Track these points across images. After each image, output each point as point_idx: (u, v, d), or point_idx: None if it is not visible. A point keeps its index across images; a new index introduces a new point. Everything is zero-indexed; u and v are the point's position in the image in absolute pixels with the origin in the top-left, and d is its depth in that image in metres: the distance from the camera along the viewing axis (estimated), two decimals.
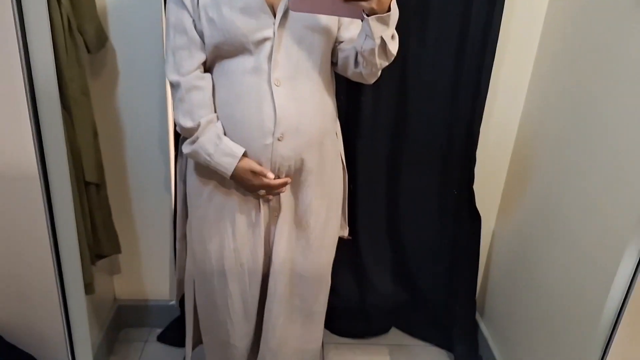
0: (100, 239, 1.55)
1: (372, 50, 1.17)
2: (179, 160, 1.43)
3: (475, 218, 1.81)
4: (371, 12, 1.10)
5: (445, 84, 1.67)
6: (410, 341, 2.01)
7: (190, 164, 1.37)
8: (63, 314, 0.78)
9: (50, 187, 0.74)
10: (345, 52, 1.28)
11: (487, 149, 1.77)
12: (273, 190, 1.28)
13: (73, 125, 1.39)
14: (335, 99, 1.38)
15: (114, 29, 1.58)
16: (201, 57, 1.24)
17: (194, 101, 1.23)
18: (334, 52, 1.32)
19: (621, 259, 1.15)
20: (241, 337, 1.45)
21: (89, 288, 1.48)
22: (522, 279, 1.68)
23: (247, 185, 1.26)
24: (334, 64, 1.35)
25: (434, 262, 1.92)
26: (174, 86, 1.25)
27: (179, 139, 1.62)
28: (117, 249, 1.65)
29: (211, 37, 1.21)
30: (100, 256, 1.59)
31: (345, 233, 1.57)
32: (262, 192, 1.28)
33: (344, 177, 1.47)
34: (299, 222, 1.36)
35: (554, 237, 1.50)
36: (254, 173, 1.24)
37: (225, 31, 1.18)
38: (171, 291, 1.93)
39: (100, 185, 1.54)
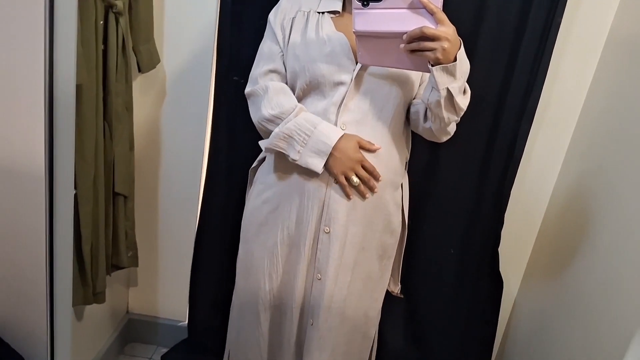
0: (120, 250, 1.59)
1: (438, 103, 1.16)
2: (247, 187, 1.46)
3: (497, 282, 1.75)
4: (436, 63, 1.09)
5: (480, 142, 1.65)
6: None
7: (252, 190, 1.38)
8: (48, 318, 0.79)
9: (54, 190, 0.77)
10: (417, 106, 1.29)
11: (517, 213, 1.73)
12: (367, 176, 1.24)
13: (112, 137, 1.46)
14: (406, 153, 1.38)
15: (168, 52, 1.66)
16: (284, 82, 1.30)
17: (282, 99, 1.25)
18: (407, 109, 1.33)
19: (627, 349, 1.08)
20: None
21: (100, 297, 1.51)
22: (538, 355, 1.60)
23: (345, 160, 1.21)
24: (407, 120, 1.35)
25: (449, 324, 1.84)
26: (256, 93, 1.28)
27: (212, 162, 1.68)
28: (134, 263, 1.68)
29: (292, 72, 1.26)
30: (118, 267, 1.62)
31: (396, 290, 1.54)
32: (356, 179, 1.23)
33: (403, 233, 1.44)
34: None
35: (573, 317, 1.43)
36: (358, 146, 1.22)
37: (306, 68, 1.23)
38: (183, 311, 1.93)
39: (128, 197, 1.58)
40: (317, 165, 1.20)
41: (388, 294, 1.56)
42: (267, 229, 1.33)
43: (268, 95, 1.25)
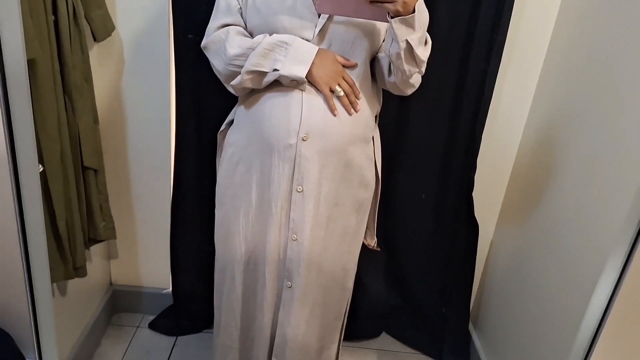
0: (96, 223, 1.58)
1: (398, 55, 1.15)
2: (218, 152, 1.45)
3: (473, 226, 1.79)
4: (396, 14, 1.08)
5: (449, 88, 1.65)
6: (400, 348, 1.99)
7: (224, 154, 1.37)
8: (29, 295, 0.80)
9: (18, 168, 0.76)
10: (380, 60, 1.28)
11: (489, 157, 1.75)
12: (349, 88, 1.23)
13: (74, 110, 1.42)
14: (376, 107, 1.36)
15: (122, 18, 1.60)
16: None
17: (245, 38, 1.23)
18: (372, 63, 1.32)
19: (601, 273, 1.13)
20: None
21: (81, 271, 1.51)
22: (517, 292, 1.66)
23: (328, 70, 1.20)
24: (373, 74, 1.34)
25: (428, 269, 1.90)
26: (217, 39, 1.24)
27: (180, 128, 1.66)
28: (112, 235, 1.67)
29: (252, 27, 1.23)
30: (95, 241, 1.62)
31: (372, 243, 1.57)
32: (339, 90, 1.22)
33: (377, 186, 1.44)
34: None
35: (549, 251, 1.47)
36: (336, 59, 1.22)
37: (268, 21, 1.20)
38: (166, 279, 1.95)
39: (99, 171, 1.56)
40: (301, 71, 1.18)
41: (367, 247, 1.59)
42: (242, 191, 1.32)
43: (230, 35, 1.23)
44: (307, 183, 1.25)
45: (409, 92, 1.33)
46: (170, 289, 1.94)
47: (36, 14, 1.22)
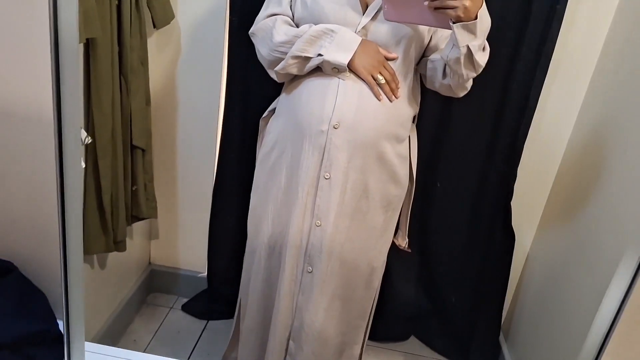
0: (139, 201, 1.65)
1: (458, 60, 1.18)
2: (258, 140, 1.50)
3: (509, 236, 1.76)
4: (458, 20, 1.11)
5: (494, 95, 1.64)
6: (428, 353, 1.97)
7: (264, 141, 1.42)
8: (62, 260, 0.85)
9: (62, 139, 0.81)
10: (434, 62, 1.30)
11: (530, 167, 1.72)
12: (390, 76, 1.26)
13: (128, 91, 1.50)
14: (414, 107, 1.38)
15: (182, 8, 1.67)
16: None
17: (291, 27, 1.29)
18: (422, 64, 1.34)
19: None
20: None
21: (121, 245, 1.58)
22: (551, 307, 1.62)
23: (370, 58, 1.24)
24: (422, 76, 1.37)
25: (461, 276, 1.88)
26: (264, 27, 1.30)
27: (228, 116, 1.71)
28: (153, 214, 1.74)
29: (299, 19, 1.29)
30: (137, 218, 1.69)
31: (404, 244, 1.57)
32: (381, 77, 1.25)
33: (410, 186, 1.45)
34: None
35: (588, 267, 1.43)
36: (379, 49, 1.25)
37: (314, 15, 1.25)
38: (202, 263, 2.01)
39: (146, 151, 1.63)
40: (344, 58, 1.22)
41: (397, 247, 1.59)
42: (273, 175, 1.36)
43: (277, 23, 1.28)
44: (335, 171, 1.27)
45: (462, 94, 1.34)
46: (206, 273, 1.99)
47: None
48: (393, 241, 1.52)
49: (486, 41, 1.21)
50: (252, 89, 1.66)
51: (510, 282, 1.85)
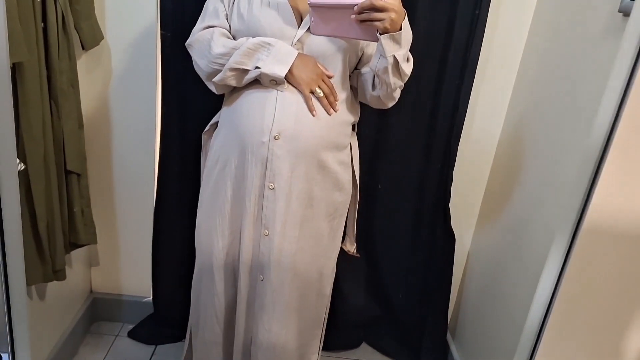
0: (77, 227, 1.59)
1: (386, 69, 1.24)
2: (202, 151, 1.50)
3: (449, 237, 1.83)
4: (384, 32, 1.16)
5: (425, 102, 1.71)
6: (379, 358, 2.00)
7: (208, 156, 1.41)
8: (4, 295, 0.81)
9: None
10: (365, 75, 1.35)
11: (466, 169, 1.80)
12: (328, 90, 1.29)
13: (59, 115, 1.45)
14: (355, 115, 1.42)
15: (111, 28, 1.65)
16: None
17: (229, 39, 1.30)
18: (353, 77, 1.39)
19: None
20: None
21: (60, 274, 1.52)
22: (491, 301, 1.69)
23: (309, 72, 1.27)
24: (353, 88, 1.41)
25: (407, 280, 1.93)
26: (202, 38, 1.31)
27: (165, 134, 1.69)
28: (93, 239, 1.69)
29: (235, 31, 1.31)
30: (76, 245, 1.63)
31: (352, 249, 1.61)
32: (320, 91, 1.28)
33: (355, 192, 1.49)
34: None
35: (522, 259, 1.51)
36: (317, 63, 1.28)
37: (251, 27, 1.27)
38: (147, 287, 1.96)
39: (82, 175, 1.58)
40: (281, 71, 1.24)
41: (346, 253, 1.62)
42: (219, 188, 1.37)
43: (215, 35, 1.29)
44: (279, 181, 1.30)
45: (390, 104, 1.40)
46: (151, 297, 1.94)
47: (25, 20, 1.26)
48: (342, 247, 1.55)
49: (409, 53, 1.28)
50: (190, 103, 1.65)
51: (454, 282, 1.92)
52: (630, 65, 1.09)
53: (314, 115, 1.28)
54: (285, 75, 1.25)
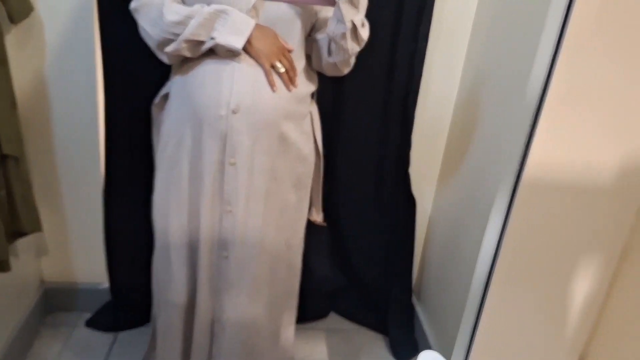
0: (19, 215, 1.49)
1: (344, 35, 1.20)
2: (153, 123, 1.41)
3: (410, 203, 1.83)
4: None
5: (381, 68, 1.67)
6: (348, 325, 2.00)
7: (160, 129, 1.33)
8: None
9: None
10: (319, 41, 1.30)
11: (424, 133, 1.79)
12: (289, 65, 1.24)
13: None
14: (313, 83, 1.37)
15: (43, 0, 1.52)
16: None
17: (181, 6, 1.20)
18: (307, 44, 1.33)
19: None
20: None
21: (4, 265, 1.43)
22: (454, 263, 1.70)
23: (269, 44, 1.20)
24: (308, 57, 1.35)
25: (371, 247, 1.92)
26: (148, 4, 1.20)
27: (110, 109, 1.59)
28: (37, 227, 1.58)
29: None
30: (20, 234, 1.53)
31: (319, 219, 1.57)
32: (280, 66, 1.22)
33: (318, 161, 1.45)
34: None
35: (478, 217, 1.51)
36: (276, 35, 1.21)
37: None
38: (102, 273, 1.87)
39: (20, 159, 1.47)
40: (238, 42, 1.17)
41: (311, 224, 1.59)
42: (175, 164, 1.30)
43: (167, 1, 1.19)
44: (239, 155, 1.24)
45: (346, 71, 1.37)
46: (108, 283, 1.86)
47: None
48: (308, 218, 1.51)
49: (365, 18, 1.25)
50: (136, 73, 1.55)
51: (417, 245, 1.93)
52: (560, 26, 1.12)
53: (274, 91, 1.23)
54: (244, 47, 1.18)
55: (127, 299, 1.86)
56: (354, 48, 1.25)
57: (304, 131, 1.36)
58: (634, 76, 1.19)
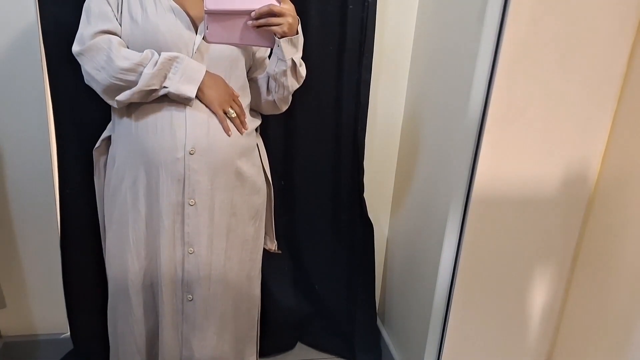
0: None
1: (284, 72, 1.26)
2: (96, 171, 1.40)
3: (367, 226, 1.87)
4: (282, 36, 1.19)
5: (329, 99, 1.74)
6: (316, 355, 2.01)
7: (110, 171, 1.33)
8: None
9: None
10: (258, 80, 1.36)
11: (376, 158, 1.87)
12: (240, 110, 1.29)
13: None
14: (258, 118, 1.42)
15: None
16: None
17: (130, 52, 1.19)
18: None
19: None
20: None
21: None
22: (415, 283, 1.75)
23: (221, 91, 1.24)
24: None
25: (333, 273, 1.95)
26: (98, 47, 1.18)
27: (62, 153, 1.58)
28: None
29: (128, 38, 1.21)
30: None
31: (273, 247, 1.60)
32: (232, 111, 1.26)
33: (269, 192, 1.49)
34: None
35: (432, 237, 1.57)
36: (225, 82, 1.25)
37: (148, 33, 1.20)
38: (63, 322, 1.83)
39: None
40: (190, 91, 1.20)
41: (268, 253, 1.61)
42: (129, 206, 1.30)
43: (114, 46, 1.18)
44: (199, 195, 1.26)
45: (284, 108, 1.43)
46: (69, 332, 1.82)
47: None
48: (264, 249, 1.54)
49: (302, 60, 1.31)
50: (84, 119, 1.54)
51: (377, 268, 1.97)
52: (493, 48, 1.19)
53: (229, 136, 1.27)
54: (196, 94, 1.22)
55: (89, 347, 1.82)
56: (293, 84, 1.32)
57: (255, 164, 1.41)
58: (567, 91, 1.28)
